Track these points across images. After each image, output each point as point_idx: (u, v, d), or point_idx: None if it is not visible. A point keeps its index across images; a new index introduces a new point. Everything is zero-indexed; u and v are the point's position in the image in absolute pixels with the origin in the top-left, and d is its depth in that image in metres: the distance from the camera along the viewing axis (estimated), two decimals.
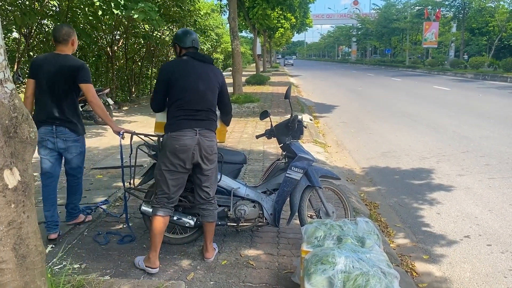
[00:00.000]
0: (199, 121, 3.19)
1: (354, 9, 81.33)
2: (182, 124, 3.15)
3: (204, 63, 3.34)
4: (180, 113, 3.18)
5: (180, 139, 3.12)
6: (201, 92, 3.23)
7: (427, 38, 40.43)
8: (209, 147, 3.21)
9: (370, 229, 3.06)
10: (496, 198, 5.36)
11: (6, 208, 1.84)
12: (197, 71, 3.26)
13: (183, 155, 3.13)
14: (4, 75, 1.83)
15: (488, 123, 10.36)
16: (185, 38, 3.35)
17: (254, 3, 21.58)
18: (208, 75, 3.30)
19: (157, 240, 3.26)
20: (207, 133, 3.20)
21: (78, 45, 4.23)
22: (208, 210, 3.39)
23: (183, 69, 3.26)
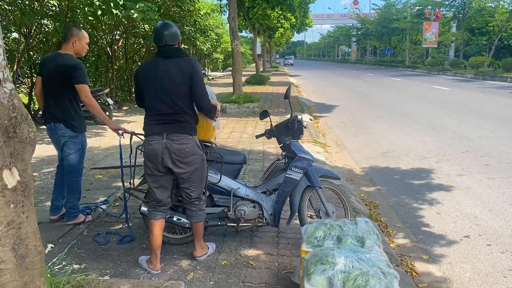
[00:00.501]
0: (165, 125, 3.11)
1: (354, 9, 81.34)
2: (150, 129, 3.15)
3: (169, 59, 3.16)
4: (148, 119, 3.19)
5: (149, 144, 3.13)
6: (164, 95, 3.10)
7: (427, 38, 40.42)
8: (179, 151, 3.09)
9: (370, 229, 3.06)
10: (496, 198, 5.36)
11: (5, 208, 1.84)
12: (159, 72, 3.13)
13: (153, 159, 3.13)
14: (3, 75, 1.83)
15: (488, 123, 10.35)
16: (157, 35, 3.19)
17: (254, 3, 21.59)
18: (171, 73, 3.11)
19: (156, 243, 3.26)
20: (174, 137, 3.09)
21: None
22: (191, 210, 3.37)
23: (147, 73, 3.18)
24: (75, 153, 4.04)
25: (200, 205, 3.39)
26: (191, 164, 3.17)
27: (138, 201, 4.51)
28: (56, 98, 3.93)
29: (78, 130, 4.00)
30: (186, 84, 3.12)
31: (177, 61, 3.15)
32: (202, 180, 3.34)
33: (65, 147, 4.01)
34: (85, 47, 4.04)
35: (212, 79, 32.09)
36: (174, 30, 3.20)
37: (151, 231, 3.27)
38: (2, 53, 1.83)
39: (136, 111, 13.25)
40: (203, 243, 3.53)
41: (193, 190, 3.30)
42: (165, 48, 3.17)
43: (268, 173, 3.93)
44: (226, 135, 9.05)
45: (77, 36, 3.96)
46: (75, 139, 4.00)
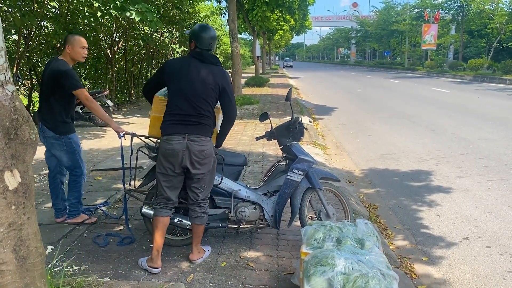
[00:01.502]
0: (188, 126, 3.16)
1: (353, 11, 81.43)
2: (171, 129, 3.17)
3: (203, 63, 3.23)
4: (170, 118, 3.20)
5: (169, 143, 3.15)
6: (191, 97, 3.16)
7: (426, 40, 40.49)
8: (199, 152, 3.16)
9: (370, 231, 3.07)
10: (495, 200, 5.37)
11: (7, 210, 1.84)
12: (191, 73, 3.19)
13: (172, 159, 3.16)
14: (5, 77, 1.84)
15: (487, 125, 10.37)
16: (203, 37, 3.25)
17: (253, 5, 21.62)
18: (203, 77, 3.18)
19: (159, 241, 3.28)
20: (196, 138, 3.15)
21: None
22: (196, 212, 3.37)
23: (178, 71, 3.22)
24: (64, 154, 4.12)
25: (205, 208, 3.42)
26: (207, 166, 3.24)
27: (138, 203, 4.52)
28: (45, 100, 4.04)
29: (60, 133, 4.06)
30: (215, 92, 3.22)
31: (212, 68, 3.23)
32: (211, 182, 3.40)
33: (52, 148, 4.12)
34: (80, 52, 4.05)
35: None
36: (214, 37, 3.31)
37: (157, 228, 3.28)
38: (4, 55, 1.83)
39: (136, 112, 13.25)
40: (200, 247, 3.55)
41: (202, 191, 3.33)
42: (203, 53, 3.25)
43: (269, 175, 3.94)
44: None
45: (70, 42, 4.01)
46: (58, 141, 4.08)
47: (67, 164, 4.17)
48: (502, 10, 31.96)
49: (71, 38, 4.05)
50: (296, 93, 20.51)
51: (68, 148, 4.10)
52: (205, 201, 3.40)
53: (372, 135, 9.79)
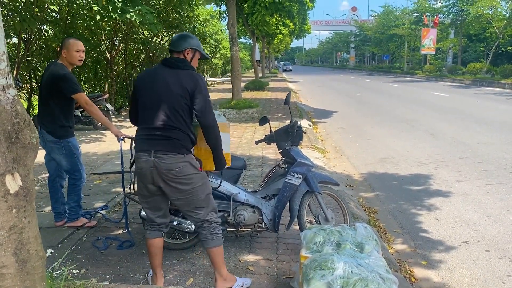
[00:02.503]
0: (154, 141, 2.81)
1: (352, 16, 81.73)
2: (138, 145, 2.89)
3: (170, 69, 2.89)
4: (138, 132, 2.95)
5: (138, 161, 2.89)
6: (156, 107, 2.81)
7: (425, 45, 40.58)
8: (168, 171, 2.77)
9: (369, 234, 3.08)
10: (494, 204, 5.38)
11: (8, 213, 1.85)
12: (155, 82, 2.87)
13: (142, 178, 2.88)
14: (7, 81, 1.85)
15: (486, 129, 10.39)
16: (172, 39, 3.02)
17: (253, 10, 21.69)
18: (168, 84, 2.82)
19: (154, 262, 3.08)
20: (162, 155, 2.77)
21: None
22: (202, 234, 3.02)
23: (144, 81, 2.93)
24: (63, 158, 4.12)
25: (211, 228, 2.99)
26: (186, 185, 2.84)
27: (137, 206, 4.52)
28: (44, 104, 4.07)
29: (59, 137, 4.07)
30: (186, 99, 2.81)
31: (179, 73, 2.87)
32: (205, 201, 2.96)
33: (51, 152, 4.13)
34: (75, 56, 4.02)
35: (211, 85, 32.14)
36: (182, 37, 2.97)
37: (148, 250, 3.10)
38: (5, 60, 1.84)
39: None
40: (226, 273, 3.08)
41: (198, 213, 2.94)
42: (171, 58, 2.94)
43: (268, 178, 3.95)
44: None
45: (65, 46, 4.01)
46: (57, 145, 4.08)
47: (66, 168, 4.18)
48: (501, 14, 32.05)
49: (66, 42, 4.05)
50: (295, 97, 20.54)
51: (67, 152, 4.10)
52: (209, 221, 2.98)
53: (371, 139, 9.80)
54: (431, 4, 41.06)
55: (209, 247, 3.00)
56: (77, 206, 4.28)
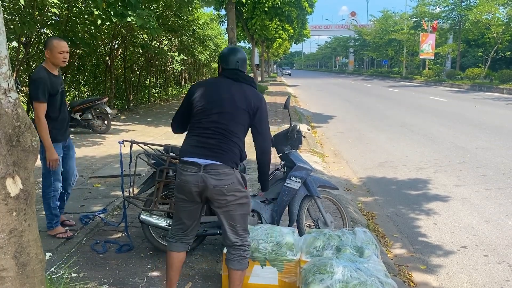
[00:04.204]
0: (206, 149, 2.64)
1: (351, 20, 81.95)
2: (186, 153, 2.69)
3: (236, 82, 2.79)
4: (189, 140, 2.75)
5: (181, 174, 2.66)
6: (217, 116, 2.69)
7: (424, 49, 40.70)
8: (216, 187, 2.60)
9: (368, 239, 3.09)
10: (492, 208, 5.39)
11: (8, 216, 1.85)
12: (221, 91, 2.75)
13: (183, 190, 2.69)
14: (8, 85, 1.86)
15: (485, 134, 10.42)
16: (229, 58, 2.83)
17: (252, 14, 21.79)
18: (233, 95, 2.72)
19: (173, 277, 2.85)
20: (213, 169, 2.60)
21: (77, 54, 4.31)
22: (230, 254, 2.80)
23: (207, 88, 2.79)
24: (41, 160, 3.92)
25: (242, 250, 2.78)
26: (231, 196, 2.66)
27: (136, 210, 4.52)
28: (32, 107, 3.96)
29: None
30: (249, 114, 2.74)
31: (245, 87, 2.79)
32: (245, 219, 2.78)
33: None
34: (59, 57, 3.85)
35: None
36: (245, 56, 2.90)
37: (170, 264, 2.82)
38: (7, 63, 1.86)
39: (134, 120, 13.27)
40: None
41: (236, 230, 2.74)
42: (236, 71, 2.83)
43: None
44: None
45: (48, 47, 3.85)
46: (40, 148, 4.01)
47: (43, 171, 4.03)
48: (499, 20, 32.19)
49: (49, 42, 3.86)
50: (295, 101, 20.57)
51: (42, 156, 3.89)
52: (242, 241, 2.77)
53: (370, 144, 9.82)
54: (429, 9, 41.17)
55: (235, 269, 2.77)
56: (50, 215, 4.09)
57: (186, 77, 29.83)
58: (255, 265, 3.02)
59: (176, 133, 2.99)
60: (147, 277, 3.36)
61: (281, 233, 3.12)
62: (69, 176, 4.26)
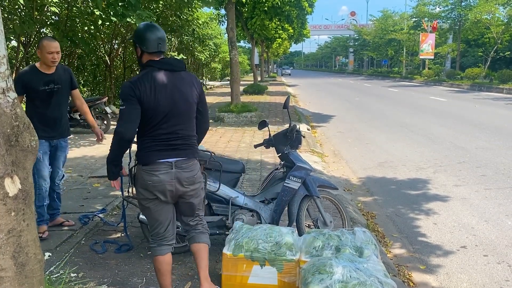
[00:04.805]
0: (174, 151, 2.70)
1: (351, 20, 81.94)
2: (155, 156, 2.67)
3: (174, 73, 2.70)
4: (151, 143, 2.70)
5: (154, 175, 2.66)
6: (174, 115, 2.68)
7: (424, 49, 40.69)
8: (189, 178, 2.73)
9: (368, 239, 3.08)
10: (492, 208, 5.38)
11: (6, 216, 1.85)
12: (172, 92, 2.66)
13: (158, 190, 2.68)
14: (7, 84, 1.85)
15: (484, 134, 10.42)
16: (149, 38, 2.64)
17: (252, 14, 21.78)
18: (184, 93, 2.70)
19: (165, 281, 2.83)
20: (184, 164, 2.71)
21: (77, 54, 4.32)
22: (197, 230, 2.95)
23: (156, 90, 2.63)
24: None
25: (204, 223, 2.99)
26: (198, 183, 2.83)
27: (135, 210, 4.51)
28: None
29: None
30: (196, 103, 2.79)
31: (184, 76, 2.75)
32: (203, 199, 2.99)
33: None
34: (48, 57, 3.90)
35: (210, 89, 32.18)
36: (164, 34, 2.74)
37: (158, 270, 2.80)
38: (5, 63, 1.85)
39: None
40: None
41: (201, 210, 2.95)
42: (169, 60, 2.77)
43: (266, 182, 3.95)
44: (224, 144, 9.07)
45: (39, 47, 3.96)
46: None
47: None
48: (499, 20, 32.19)
49: (40, 42, 3.97)
50: (294, 101, 20.57)
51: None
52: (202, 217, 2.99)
53: (370, 143, 9.81)
54: (429, 9, 41.16)
55: (204, 242, 2.91)
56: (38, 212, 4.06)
57: None
58: (255, 265, 3.02)
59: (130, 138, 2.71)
60: (146, 277, 3.36)
61: (280, 233, 3.11)
62: (54, 176, 4.23)
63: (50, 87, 4.01)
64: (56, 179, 4.26)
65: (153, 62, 2.68)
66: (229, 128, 11.55)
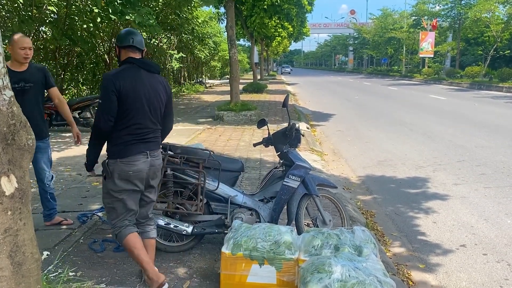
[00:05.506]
0: (149, 143, 3.00)
1: (351, 18, 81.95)
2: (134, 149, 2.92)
3: (151, 74, 3.01)
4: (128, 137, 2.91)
5: (134, 165, 2.92)
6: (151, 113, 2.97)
7: (423, 48, 40.69)
8: (159, 165, 3.13)
9: (367, 237, 3.07)
10: (491, 207, 5.38)
11: (3, 215, 1.84)
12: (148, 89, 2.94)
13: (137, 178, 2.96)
14: (3, 82, 1.84)
15: (484, 133, 10.41)
16: (122, 34, 3.00)
17: (252, 12, 21.75)
18: (158, 92, 3.01)
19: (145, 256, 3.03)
20: (155, 153, 3.06)
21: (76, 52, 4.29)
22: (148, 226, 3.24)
23: (133, 85, 2.88)
24: None
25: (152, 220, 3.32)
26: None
27: None
28: None
29: None
30: (164, 104, 3.10)
31: (159, 78, 3.07)
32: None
33: None
34: (20, 53, 3.78)
35: (210, 87, 32.16)
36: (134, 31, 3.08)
37: (137, 246, 2.99)
38: (2, 61, 1.84)
39: None
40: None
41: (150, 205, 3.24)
42: (148, 61, 3.08)
43: (266, 181, 3.94)
44: (223, 142, 9.06)
45: (10, 43, 3.80)
46: None
47: None
48: (499, 18, 32.16)
49: (11, 38, 3.80)
50: (294, 99, 20.56)
51: None
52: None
53: (369, 142, 9.81)
54: (429, 8, 41.14)
55: (154, 237, 3.26)
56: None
57: (185, 75, 29.80)
58: (253, 264, 3.01)
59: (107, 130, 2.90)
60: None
61: (279, 232, 3.10)
62: (42, 178, 4.18)
63: (21, 86, 3.82)
64: (45, 180, 4.18)
65: (133, 59, 2.96)
66: (229, 126, 11.54)
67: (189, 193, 3.65)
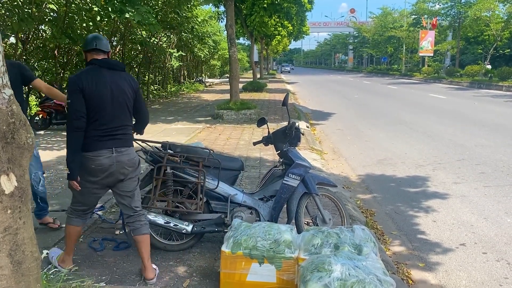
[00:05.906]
0: (115, 140, 3.05)
1: (350, 17, 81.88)
2: (98, 145, 3.01)
3: (115, 71, 3.11)
4: (94, 133, 3.00)
5: (97, 160, 3.00)
6: (116, 109, 3.04)
7: (423, 47, 40.68)
8: (130, 161, 3.11)
9: (367, 236, 3.07)
10: (491, 206, 5.38)
11: (3, 214, 1.83)
12: (111, 87, 3.04)
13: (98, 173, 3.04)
14: (2, 81, 1.84)
15: (484, 131, 10.41)
16: (87, 39, 3.17)
17: (251, 11, 21.75)
18: (122, 88, 3.08)
19: (72, 244, 3.35)
20: (123, 149, 3.09)
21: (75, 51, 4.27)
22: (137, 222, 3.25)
23: (97, 84, 2.99)
24: None
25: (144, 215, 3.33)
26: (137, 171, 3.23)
27: None
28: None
29: None
30: (132, 100, 3.16)
31: (123, 75, 3.15)
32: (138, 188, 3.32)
33: None
34: None
35: (209, 86, 32.14)
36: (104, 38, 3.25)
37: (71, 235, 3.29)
38: (1, 59, 1.83)
39: None
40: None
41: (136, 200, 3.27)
42: (110, 60, 3.18)
43: (265, 179, 3.94)
44: (223, 141, 9.06)
45: None
46: None
47: None
48: (499, 17, 32.15)
49: None
50: (294, 98, 20.56)
51: None
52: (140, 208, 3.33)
53: (369, 141, 9.80)
54: (429, 7, 41.14)
55: (146, 233, 3.26)
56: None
57: (185, 74, 29.78)
58: (253, 262, 3.01)
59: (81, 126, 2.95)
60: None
61: (279, 231, 3.10)
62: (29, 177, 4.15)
63: None
64: (33, 182, 4.00)
65: (95, 60, 3.10)
66: (228, 125, 11.54)
67: (189, 191, 3.65)
